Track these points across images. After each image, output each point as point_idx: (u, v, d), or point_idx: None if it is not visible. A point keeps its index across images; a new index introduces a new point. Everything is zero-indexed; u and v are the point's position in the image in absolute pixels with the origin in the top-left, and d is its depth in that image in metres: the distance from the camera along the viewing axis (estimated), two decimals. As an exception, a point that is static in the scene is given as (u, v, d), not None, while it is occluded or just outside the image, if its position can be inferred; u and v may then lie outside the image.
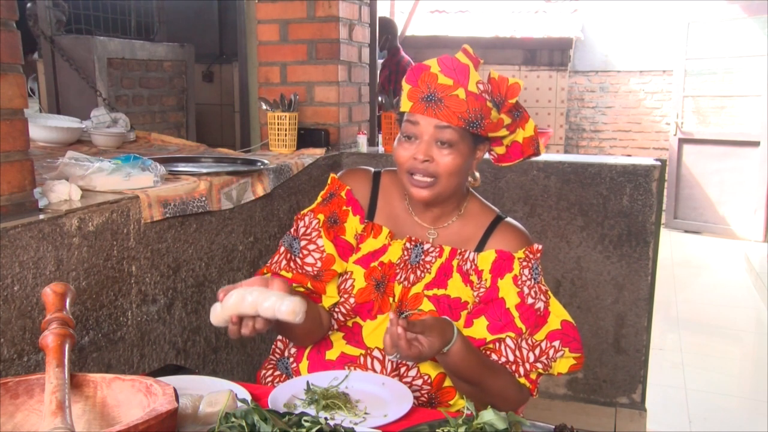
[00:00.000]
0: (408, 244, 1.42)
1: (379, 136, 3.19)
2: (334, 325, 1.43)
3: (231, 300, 1.16)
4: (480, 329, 1.34)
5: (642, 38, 7.34)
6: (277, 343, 1.53)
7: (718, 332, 4.20)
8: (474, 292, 1.38)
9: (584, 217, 2.64)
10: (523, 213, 2.67)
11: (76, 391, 1.01)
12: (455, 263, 1.40)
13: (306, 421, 0.99)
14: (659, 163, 2.59)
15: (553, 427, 1.07)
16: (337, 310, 1.43)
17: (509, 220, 1.45)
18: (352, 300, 1.41)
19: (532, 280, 1.36)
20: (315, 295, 1.42)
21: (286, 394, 1.20)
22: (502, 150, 1.42)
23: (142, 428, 0.84)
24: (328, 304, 1.43)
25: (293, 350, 1.47)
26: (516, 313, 1.33)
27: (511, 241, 1.39)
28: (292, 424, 0.99)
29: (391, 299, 1.40)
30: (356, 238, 1.45)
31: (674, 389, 3.29)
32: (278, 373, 1.49)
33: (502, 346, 1.34)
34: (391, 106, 2.91)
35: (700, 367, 3.61)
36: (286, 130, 2.69)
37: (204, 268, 2.03)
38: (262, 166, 2.25)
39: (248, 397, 1.13)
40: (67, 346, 1.01)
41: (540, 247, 1.41)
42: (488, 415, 1.01)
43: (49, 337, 1.01)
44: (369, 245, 1.43)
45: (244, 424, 0.96)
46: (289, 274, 1.41)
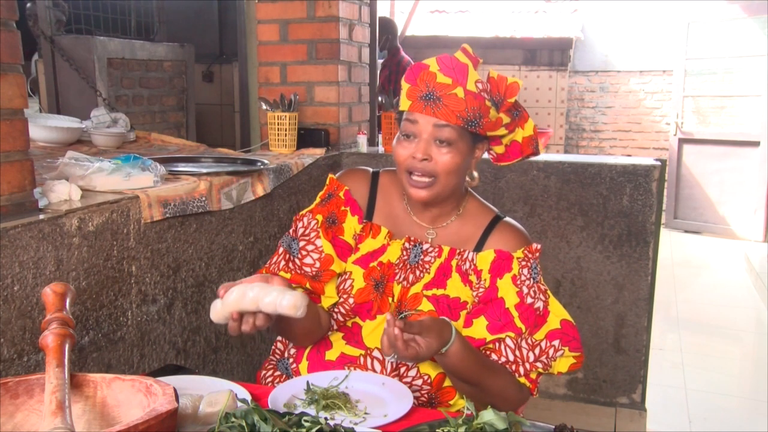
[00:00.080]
0: (407, 244, 1.42)
1: (379, 136, 3.19)
2: (334, 325, 1.43)
3: (232, 296, 1.16)
4: (479, 329, 1.34)
5: (642, 38, 7.34)
6: (277, 344, 1.53)
7: (718, 332, 4.20)
8: (473, 292, 1.38)
9: (584, 217, 2.64)
10: (523, 213, 2.67)
11: (76, 391, 1.01)
12: (454, 263, 1.40)
13: (306, 421, 0.99)
14: (659, 163, 2.59)
15: (553, 427, 1.06)
16: (336, 310, 1.42)
17: (508, 219, 1.45)
18: (351, 300, 1.41)
19: (531, 280, 1.36)
20: (314, 296, 1.42)
21: (286, 394, 1.20)
22: (501, 149, 1.42)
23: (142, 428, 0.84)
24: (327, 305, 1.43)
25: (293, 351, 1.47)
26: (515, 313, 1.33)
27: (510, 241, 1.39)
28: (292, 424, 0.99)
29: (391, 299, 1.40)
30: (355, 239, 1.45)
31: (674, 389, 3.29)
32: (278, 374, 1.49)
33: (501, 346, 1.33)
34: (391, 106, 2.91)
35: (700, 367, 3.61)
36: (286, 130, 2.69)
37: (204, 268, 2.03)
38: (262, 166, 2.25)
39: (248, 397, 1.13)
40: (67, 346, 1.01)
41: (539, 246, 1.40)
42: (488, 415, 1.01)
43: (49, 337, 1.01)
44: (368, 245, 1.43)
45: (244, 424, 0.96)
46: (288, 275, 1.40)
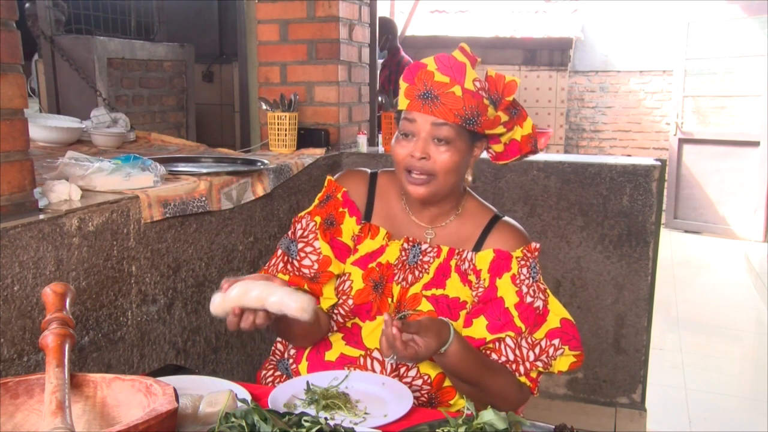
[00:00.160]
0: (406, 245, 1.42)
1: (379, 136, 3.19)
2: (333, 326, 1.43)
3: (235, 291, 1.16)
4: (479, 329, 1.34)
5: (642, 38, 7.34)
6: (277, 345, 1.53)
7: (718, 332, 4.20)
8: (473, 292, 1.38)
9: (584, 217, 2.64)
10: (523, 213, 2.67)
11: (76, 391, 1.01)
12: (453, 263, 1.40)
13: (306, 421, 0.99)
14: (659, 163, 2.59)
15: (553, 427, 1.06)
16: (336, 311, 1.42)
17: (507, 219, 1.45)
18: (351, 301, 1.41)
19: (531, 279, 1.36)
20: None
21: (286, 394, 1.20)
22: (500, 148, 1.42)
23: (142, 428, 0.84)
24: (326, 306, 1.43)
25: (293, 351, 1.47)
26: (515, 312, 1.33)
27: (508, 240, 1.39)
28: (292, 424, 0.99)
29: (390, 300, 1.40)
30: (353, 240, 1.44)
31: (674, 389, 3.29)
32: (278, 374, 1.49)
33: (501, 345, 1.33)
34: (391, 106, 2.91)
35: (700, 367, 3.61)
36: (286, 130, 2.69)
37: (204, 268, 2.03)
38: (262, 166, 2.25)
39: (248, 397, 1.13)
40: (67, 346, 1.01)
41: (538, 245, 1.40)
42: (488, 415, 1.01)
43: (49, 337, 1.01)
44: (366, 246, 1.43)
45: (244, 424, 0.96)
46: (286, 277, 1.40)
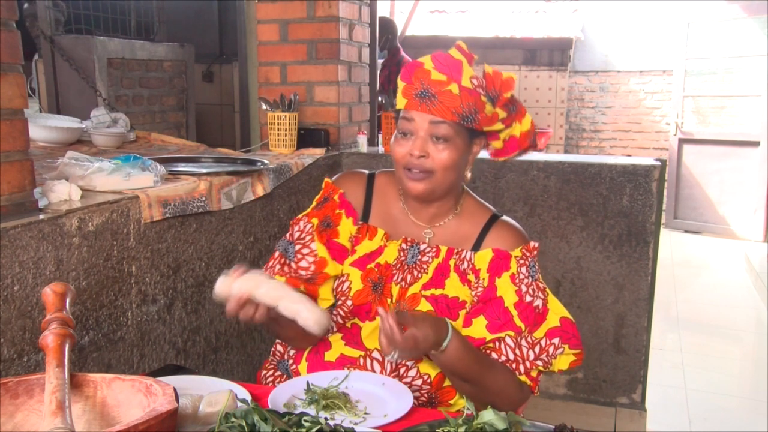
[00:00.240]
0: (404, 245, 1.42)
1: (379, 136, 3.20)
2: (333, 327, 1.43)
3: (247, 280, 1.18)
4: (479, 328, 1.34)
5: (642, 38, 7.34)
6: (277, 346, 1.53)
7: (718, 332, 4.20)
8: (472, 292, 1.38)
9: (584, 217, 2.64)
10: (523, 213, 2.67)
11: (76, 391, 1.01)
12: (452, 263, 1.40)
13: (306, 421, 0.99)
14: (659, 163, 2.59)
15: (553, 427, 1.06)
16: (335, 312, 1.42)
17: (505, 218, 1.45)
18: (350, 302, 1.41)
19: (530, 278, 1.36)
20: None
21: (286, 394, 1.20)
22: (499, 144, 1.42)
23: (142, 428, 0.84)
24: (324, 307, 1.43)
25: (292, 352, 1.47)
26: (515, 312, 1.33)
27: (507, 240, 1.39)
28: (292, 424, 0.99)
29: (389, 300, 1.40)
30: (351, 241, 1.45)
31: (674, 389, 3.29)
32: (279, 374, 1.49)
33: (501, 345, 1.33)
34: (391, 106, 2.91)
35: (700, 367, 3.61)
36: (286, 130, 2.69)
37: (204, 268, 2.03)
38: (262, 166, 2.25)
39: (248, 397, 1.13)
40: (67, 346, 1.01)
41: (536, 244, 1.41)
42: (488, 415, 1.01)
43: (49, 337, 1.01)
44: (364, 247, 1.43)
45: (244, 424, 0.96)
46: (283, 279, 1.40)
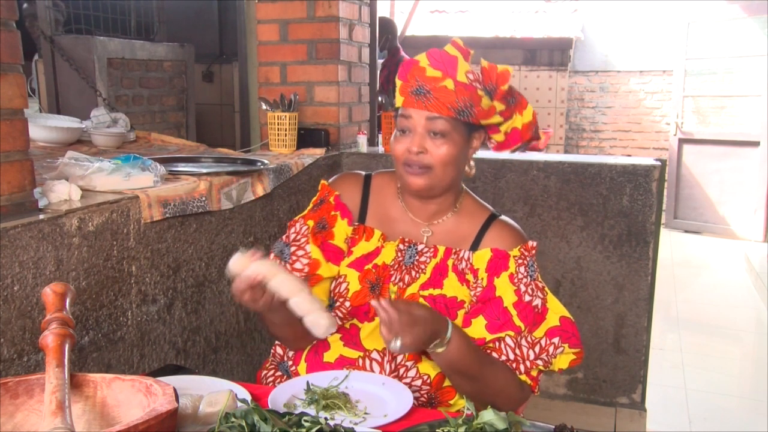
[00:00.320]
0: (401, 246, 1.42)
1: (379, 136, 3.20)
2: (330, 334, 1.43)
3: (265, 265, 1.21)
4: (478, 329, 1.34)
5: (642, 38, 7.34)
6: (276, 348, 1.53)
7: (718, 332, 4.20)
8: (470, 291, 1.38)
9: (584, 217, 2.64)
10: (523, 213, 2.67)
11: (76, 391, 1.01)
12: (450, 263, 1.40)
13: (306, 421, 0.99)
14: (659, 163, 2.59)
15: (553, 427, 1.06)
16: (333, 313, 1.43)
17: (503, 218, 1.45)
18: (348, 303, 1.41)
19: (529, 278, 1.36)
20: None
21: (286, 394, 1.20)
22: (500, 137, 1.41)
23: (142, 428, 0.84)
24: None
25: (291, 353, 1.47)
26: (514, 312, 1.33)
27: (505, 239, 1.39)
28: (292, 424, 0.99)
29: (380, 313, 1.40)
30: (347, 242, 1.45)
31: (674, 389, 3.29)
32: (279, 374, 1.49)
33: (501, 345, 1.34)
34: (391, 106, 2.91)
35: (700, 367, 3.61)
36: (286, 130, 2.69)
37: (204, 268, 2.03)
38: (262, 166, 2.25)
39: (248, 397, 1.13)
40: (67, 346, 1.01)
41: (535, 244, 1.41)
42: (488, 415, 1.01)
43: (49, 337, 1.01)
44: (361, 248, 1.44)
45: (244, 424, 0.96)
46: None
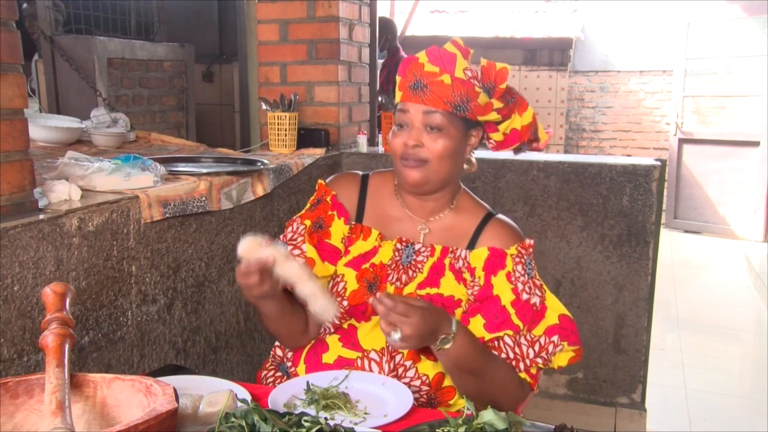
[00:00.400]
0: (398, 245, 1.42)
1: (379, 136, 3.20)
2: (330, 327, 1.44)
3: (277, 249, 1.24)
4: (477, 328, 1.33)
5: (642, 38, 7.34)
6: (276, 349, 1.53)
7: (718, 332, 4.20)
8: (468, 290, 1.38)
9: (584, 217, 2.64)
10: (523, 213, 2.67)
11: (76, 391, 1.01)
12: (447, 262, 1.40)
13: (306, 421, 0.99)
14: (659, 163, 2.59)
15: (553, 427, 1.06)
16: None
17: (500, 216, 1.45)
18: (346, 302, 1.41)
19: (526, 276, 1.36)
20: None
21: (286, 394, 1.20)
22: (499, 137, 1.42)
23: (142, 428, 0.84)
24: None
25: (290, 354, 1.48)
26: (512, 310, 1.33)
27: (502, 238, 1.39)
28: (292, 424, 0.99)
29: (378, 308, 1.40)
30: (344, 242, 1.45)
31: (674, 389, 3.29)
32: (279, 374, 1.49)
33: (500, 344, 1.34)
34: (392, 105, 2.91)
35: (700, 367, 3.61)
36: (286, 130, 2.69)
37: (204, 268, 2.03)
38: (262, 166, 2.25)
39: (248, 397, 1.13)
40: (67, 346, 1.01)
41: (532, 242, 1.41)
42: (488, 415, 1.01)
43: (49, 337, 1.01)
44: (359, 248, 1.44)
45: (244, 424, 0.96)
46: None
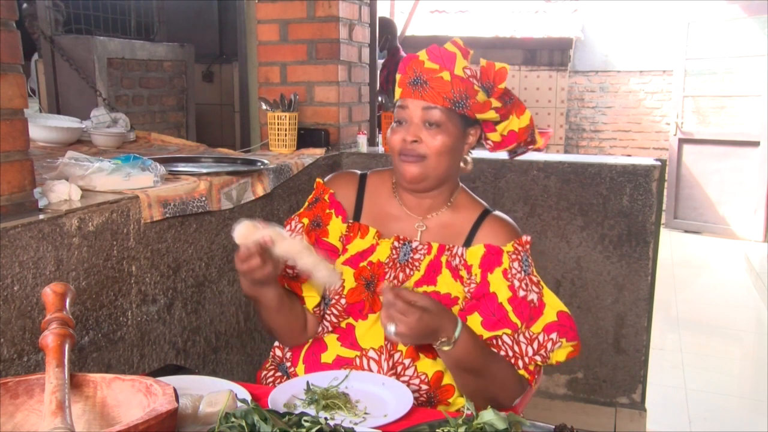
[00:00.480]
0: (396, 243, 1.43)
1: (379, 136, 3.20)
2: (328, 326, 1.44)
3: (272, 229, 1.24)
4: (475, 325, 1.33)
5: (642, 38, 7.34)
6: (275, 350, 1.53)
7: (718, 332, 4.20)
8: (464, 288, 1.38)
9: (584, 217, 2.64)
10: (523, 213, 2.67)
11: (76, 391, 1.01)
12: (444, 259, 1.40)
13: (306, 421, 0.99)
14: (659, 163, 2.59)
15: (553, 427, 1.06)
16: (329, 311, 1.43)
17: (497, 213, 1.45)
18: (344, 301, 1.42)
19: (523, 273, 1.36)
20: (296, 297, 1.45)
21: (286, 394, 1.20)
22: (496, 137, 1.42)
23: (142, 428, 0.84)
24: (310, 306, 1.44)
25: (289, 354, 1.48)
26: (509, 307, 1.33)
27: (499, 235, 1.39)
28: (292, 424, 0.99)
29: (381, 298, 1.41)
30: (341, 240, 1.46)
31: (674, 389, 3.29)
32: (279, 374, 1.49)
33: (499, 342, 1.34)
34: (392, 105, 2.91)
35: (700, 367, 3.61)
36: (286, 130, 2.69)
37: (204, 268, 2.03)
38: (262, 166, 2.25)
39: (248, 397, 1.13)
40: (67, 346, 1.01)
41: (528, 238, 1.41)
42: (488, 415, 1.01)
43: (49, 337, 1.01)
44: (356, 246, 1.44)
45: (244, 424, 0.96)
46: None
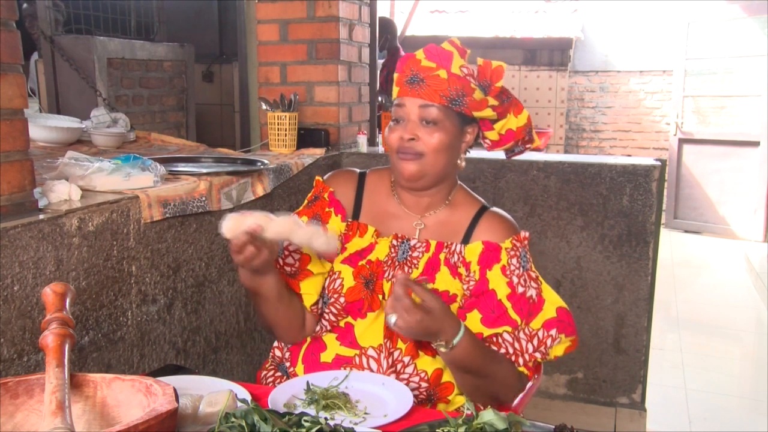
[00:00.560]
0: (394, 241, 1.43)
1: (379, 136, 3.19)
2: (327, 325, 1.44)
3: (258, 213, 1.26)
4: (474, 323, 1.34)
5: (642, 38, 7.34)
6: (275, 350, 1.54)
7: (718, 332, 4.20)
8: (463, 285, 1.38)
9: (584, 217, 2.64)
10: (523, 213, 2.67)
11: (76, 391, 1.01)
12: (442, 256, 1.40)
13: (306, 421, 0.99)
14: (659, 163, 2.59)
15: (553, 427, 1.06)
16: (328, 310, 1.44)
17: (494, 209, 1.46)
18: (343, 299, 1.42)
19: (521, 269, 1.36)
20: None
21: (286, 394, 1.20)
22: (494, 136, 1.43)
23: (142, 428, 0.84)
24: (309, 303, 1.45)
25: (288, 354, 1.48)
26: (508, 304, 1.34)
27: (497, 231, 1.40)
28: (292, 424, 0.99)
29: (381, 297, 1.41)
30: (340, 239, 1.46)
31: (674, 389, 3.29)
32: (279, 374, 1.49)
33: (499, 339, 1.34)
34: (391, 104, 2.91)
35: (700, 367, 3.61)
36: (286, 130, 2.69)
37: (204, 268, 2.03)
38: (262, 166, 2.25)
39: (248, 397, 1.13)
40: (67, 346, 1.01)
41: (527, 234, 1.41)
42: (488, 415, 1.01)
43: (49, 337, 1.01)
44: (355, 244, 1.45)
45: (244, 424, 0.96)
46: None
